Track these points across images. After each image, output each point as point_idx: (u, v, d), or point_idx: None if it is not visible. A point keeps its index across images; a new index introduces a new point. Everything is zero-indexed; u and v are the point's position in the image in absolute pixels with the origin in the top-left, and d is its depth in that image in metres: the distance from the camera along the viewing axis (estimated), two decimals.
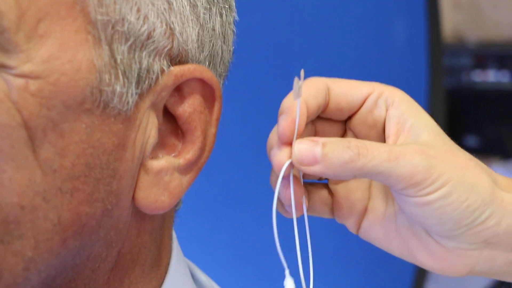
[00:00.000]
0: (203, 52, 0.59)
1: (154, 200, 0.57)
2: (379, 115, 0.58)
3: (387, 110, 0.58)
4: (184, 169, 0.58)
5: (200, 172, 0.60)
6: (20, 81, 0.51)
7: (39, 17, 0.51)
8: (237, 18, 0.65)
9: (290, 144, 0.55)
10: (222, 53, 0.62)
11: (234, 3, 0.64)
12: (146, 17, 0.55)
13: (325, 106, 0.58)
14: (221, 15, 0.61)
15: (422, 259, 0.58)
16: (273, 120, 0.59)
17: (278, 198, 0.58)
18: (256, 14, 1.14)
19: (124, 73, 0.54)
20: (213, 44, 0.60)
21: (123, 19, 0.54)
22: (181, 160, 0.58)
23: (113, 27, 0.54)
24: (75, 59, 0.52)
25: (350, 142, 0.54)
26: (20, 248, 0.52)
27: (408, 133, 0.57)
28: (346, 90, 0.58)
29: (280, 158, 0.55)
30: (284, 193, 0.57)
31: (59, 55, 0.52)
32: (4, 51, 0.50)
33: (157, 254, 0.62)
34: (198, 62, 0.59)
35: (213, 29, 0.60)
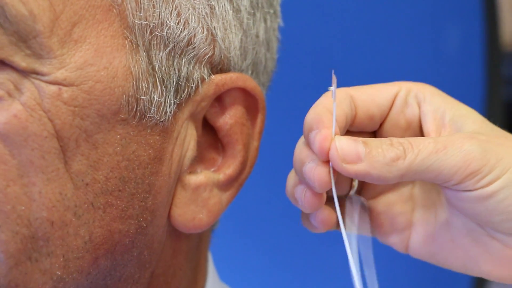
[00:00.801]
0: (245, 60, 0.60)
1: (192, 218, 0.58)
2: (412, 114, 0.57)
3: (420, 107, 0.56)
4: (224, 185, 0.59)
5: (241, 189, 0.60)
6: (52, 89, 0.52)
7: (74, 21, 0.52)
8: (282, 24, 0.65)
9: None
10: (265, 62, 0.63)
11: (279, 8, 0.64)
12: (186, 22, 0.56)
13: (353, 117, 0.57)
14: (265, 21, 0.62)
15: (487, 269, 0.55)
16: None
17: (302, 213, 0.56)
18: (302, 20, 1.14)
19: (162, 81, 0.55)
20: (256, 52, 0.61)
21: (162, 24, 0.55)
22: (221, 176, 0.59)
23: (151, 32, 0.54)
24: (111, 66, 0.53)
25: (391, 140, 0.52)
26: (49, 267, 0.53)
27: (450, 127, 0.55)
28: (372, 94, 0.57)
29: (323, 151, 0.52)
30: (310, 203, 0.54)
31: (94, 61, 0.53)
32: (36, 57, 0.52)
33: (192, 276, 0.63)
34: (241, 70, 0.60)
35: (257, 36, 0.61)
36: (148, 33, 0.54)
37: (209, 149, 0.59)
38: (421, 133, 0.57)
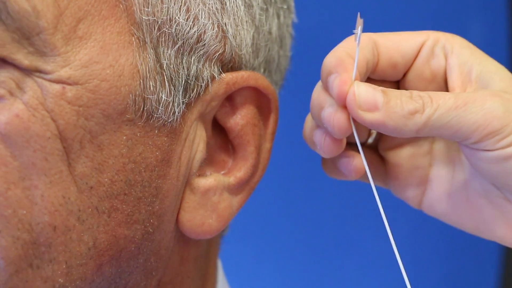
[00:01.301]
0: (258, 57, 0.60)
1: (201, 223, 0.58)
2: (438, 65, 0.56)
3: (446, 59, 0.56)
4: (234, 189, 0.59)
5: (252, 193, 0.60)
6: (56, 87, 0.52)
7: (78, 17, 0.53)
8: (295, 20, 0.66)
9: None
10: (278, 59, 0.63)
11: (293, 3, 0.65)
12: (196, 18, 0.56)
13: (375, 64, 0.57)
14: (278, 17, 0.62)
15: (501, 233, 0.55)
16: None
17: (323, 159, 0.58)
18: (317, 15, 1.14)
19: (170, 79, 0.55)
20: (269, 49, 0.61)
21: (170, 20, 0.55)
22: (231, 179, 0.59)
23: (159, 29, 0.55)
24: (117, 64, 0.54)
25: (411, 92, 0.52)
26: (51, 274, 0.53)
27: (476, 83, 0.55)
28: (397, 41, 0.56)
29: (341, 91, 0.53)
30: (329, 147, 0.55)
31: (99, 59, 0.53)
32: (39, 54, 0.52)
33: (200, 284, 0.63)
34: (252, 68, 0.60)
35: (270, 32, 0.61)
36: (156, 29, 0.55)
37: (219, 151, 0.60)
38: (446, 86, 0.57)
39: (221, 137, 0.59)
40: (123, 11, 0.54)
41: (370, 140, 0.60)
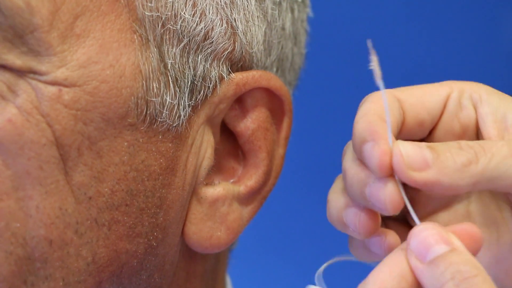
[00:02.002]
0: (270, 56, 0.60)
1: (208, 236, 0.58)
2: (468, 117, 0.56)
3: (476, 109, 0.56)
4: (245, 199, 0.59)
5: (264, 203, 0.60)
6: (52, 90, 0.52)
7: (76, 13, 0.53)
8: (311, 14, 0.66)
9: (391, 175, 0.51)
10: (292, 57, 0.63)
11: None
12: (203, 13, 0.56)
13: (401, 123, 0.55)
14: (292, 11, 0.62)
15: None
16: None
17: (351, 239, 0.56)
18: (335, 8, 1.14)
19: (175, 80, 0.55)
20: (282, 46, 0.61)
21: (175, 16, 0.55)
22: (241, 188, 0.59)
23: (163, 25, 0.55)
24: (117, 64, 0.54)
25: (459, 143, 0.52)
26: None
27: None
28: (421, 97, 0.56)
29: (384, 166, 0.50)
30: (366, 227, 0.53)
31: (99, 58, 0.53)
32: (34, 54, 0.52)
33: None
34: (264, 68, 0.60)
35: (283, 28, 0.61)
36: (159, 26, 0.55)
37: (228, 158, 0.60)
38: (478, 138, 0.56)
39: (230, 143, 0.59)
40: (124, 6, 0.54)
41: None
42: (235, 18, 0.57)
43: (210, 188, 0.58)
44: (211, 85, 0.57)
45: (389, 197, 0.51)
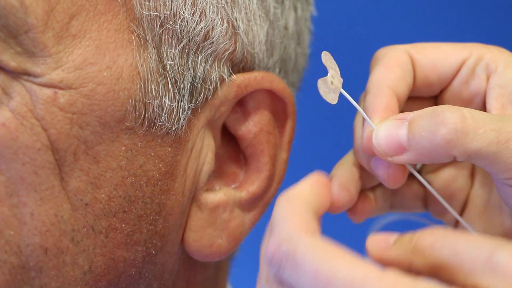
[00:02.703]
0: (272, 56, 0.60)
1: (209, 244, 0.58)
2: (478, 87, 0.58)
3: (488, 79, 0.57)
4: (247, 205, 0.60)
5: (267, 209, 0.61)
6: (47, 92, 0.53)
7: (71, 13, 0.53)
8: (314, 13, 0.66)
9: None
10: (295, 58, 0.63)
11: None
12: (203, 12, 0.56)
13: (412, 84, 0.58)
14: (295, 10, 0.62)
15: None
16: None
17: None
18: (340, 6, 1.14)
19: (174, 82, 0.56)
20: (285, 47, 0.62)
21: (174, 15, 0.56)
22: (243, 193, 0.59)
23: (162, 25, 0.55)
24: (115, 65, 0.54)
25: (444, 114, 0.52)
26: None
27: None
28: (435, 60, 0.58)
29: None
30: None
31: (95, 59, 0.54)
32: (28, 55, 0.53)
33: None
34: (267, 69, 0.60)
35: (286, 28, 0.61)
36: (158, 26, 0.55)
37: (230, 162, 0.60)
38: (484, 109, 0.58)
39: (232, 147, 0.60)
40: (121, 5, 0.54)
41: (418, 166, 0.61)
42: (236, 17, 0.57)
43: (211, 194, 0.59)
44: (212, 87, 0.57)
45: (392, 175, 0.55)
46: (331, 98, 0.55)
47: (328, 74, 0.55)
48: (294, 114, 0.60)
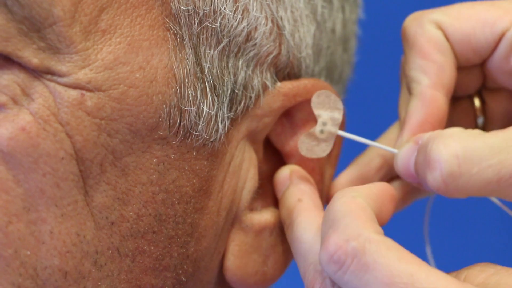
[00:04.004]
0: (318, 62, 0.60)
1: (254, 272, 0.57)
2: None
3: None
4: None
5: None
6: (73, 94, 0.52)
7: (101, 5, 0.52)
8: (362, 16, 0.65)
9: None
10: (341, 66, 0.63)
11: None
12: (246, 10, 0.55)
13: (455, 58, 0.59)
14: (343, 11, 0.62)
15: None
16: None
17: None
18: (389, 10, 1.13)
19: (213, 88, 0.55)
20: (331, 52, 0.61)
21: (215, 12, 0.54)
22: None
23: (200, 22, 0.54)
24: (148, 66, 0.53)
25: (431, 155, 0.51)
26: None
27: None
28: (469, 33, 0.58)
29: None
30: None
31: (127, 59, 0.52)
32: (52, 51, 0.51)
33: None
34: (312, 76, 0.59)
35: (333, 31, 0.60)
36: (196, 23, 0.54)
37: (272, 180, 0.59)
38: None
39: (275, 163, 0.59)
40: None
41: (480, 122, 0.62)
42: (281, 16, 0.56)
43: (256, 214, 0.58)
44: (254, 94, 0.56)
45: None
46: (321, 151, 0.56)
47: (318, 123, 0.56)
48: (343, 124, 0.59)
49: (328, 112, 0.56)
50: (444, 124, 0.58)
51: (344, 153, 0.62)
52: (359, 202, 0.49)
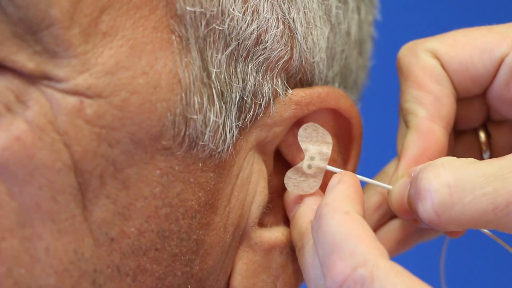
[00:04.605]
0: (332, 67, 0.59)
1: None
2: None
3: None
4: None
5: None
6: (71, 101, 0.51)
7: (102, 5, 0.51)
8: (378, 17, 0.65)
9: None
10: (356, 71, 0.62)
11: None
12: (255, 11, 0.54)
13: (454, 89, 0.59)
14: (358, 12, 0.61)
15: None
16: None
17: None
18: (407, 10, 1.14)
19: (220, 94, 0.54)
20: (346, 56, 0.60)
21: (223, 13, 0.54)
22: None
23: (207, 24, 0.53)
24: (151, 70, 0.52)
25: (421, 184, 0.52)
26: None
27: None
28: (466, 62, 0.57)
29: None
30: None
31: (129, 63, 0.51)
32: (49, 55, 0.50)
33: None
34: (326, 82, 0.59)
35: (348, 33, 0.60)
36: (203, 25, 0.53)
37: (283, 195, 0.58)
38: None
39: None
40: None
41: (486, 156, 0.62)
42: (293, 18, 0.56)
43: (266, 231, 0.57)
44: (263, 102, 0.55)
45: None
46: (309, 187, 0.56)
47: (305, 158, 0.56)
48: (360, 137, 0.59)
49: (316, 146, 0.56)
50: None
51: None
52: (356, 220, 0.49)
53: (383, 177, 0.61)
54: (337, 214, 0.50)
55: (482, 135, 0.62)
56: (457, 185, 0.50)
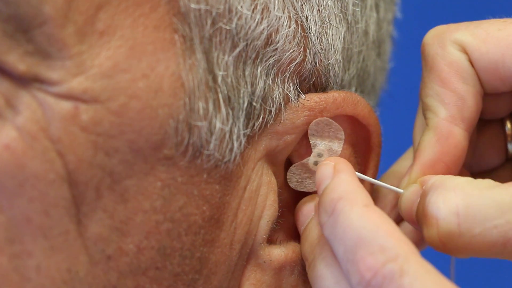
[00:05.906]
0: (348, 70, 0.59)
1: None
2: None
3: None
4: None
5: None
6: (65, 106, 0.51)
7: (98, 3, 0.52)
8: (398, 15, 0.65)
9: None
10: (374, 73, 0.63)
11: None
12: (265, 9, 0.55)
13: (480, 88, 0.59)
14: (377, 10, 0.62)
15: None
16: None
17: None
18: (429, 8, 1.14)
19: (227, 100, 0.54)
20: (363, 58, 0.61)
21: (230, 11, 0.54)
22: None
23: (213, 23, 0.54)
24: (152, 73, 0.52)
25: (429, 209, 0.53)
26: None
27: None
28: (496, 60, 0.58)
29: None
30: None
31: (128, 65, 0.52)
32: (41, 56, 0.51)
33: None
34: (341, 86, 0.59)
35: (366, 33, 0.60)
36: (208, 24, 0.54)
37: (294, 209, 0.59)
38: None
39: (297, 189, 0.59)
40: None
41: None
42: (307, 16, 0.56)
43: (276, 248, 0.57)
44: (274, 108, 0.56)
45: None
46: (313, 184, 0.57)
47: (312, 153, 0.57)
48: (380, 146, 0.59)
49: (326, 142, 0.56)
50: (461, 163, 0.58)
51: None
52: (378, 213, 0.51)
53: (393, 176, 0.62)
54: (356, 208, 0.51)
55: (509, 126, 0.63)
56: (467, 214, 0.52)
